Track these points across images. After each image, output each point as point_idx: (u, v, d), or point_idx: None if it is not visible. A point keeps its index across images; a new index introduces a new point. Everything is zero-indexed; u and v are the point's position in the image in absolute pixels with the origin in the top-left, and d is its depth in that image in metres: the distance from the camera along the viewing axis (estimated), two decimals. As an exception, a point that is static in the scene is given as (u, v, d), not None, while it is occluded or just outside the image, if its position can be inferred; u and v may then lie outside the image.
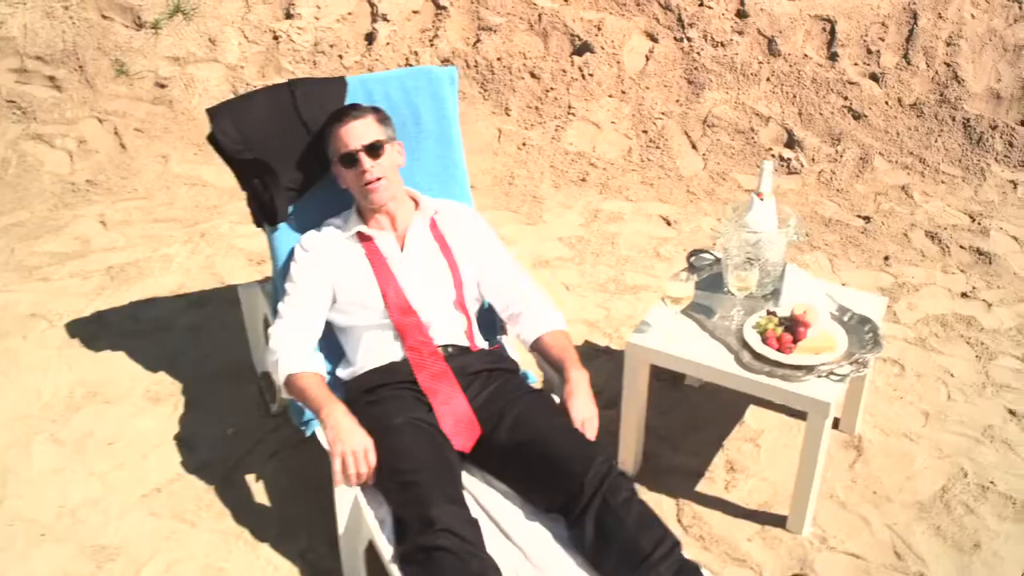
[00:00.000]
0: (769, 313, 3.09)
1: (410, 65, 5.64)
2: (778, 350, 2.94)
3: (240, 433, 3.40)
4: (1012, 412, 3.60)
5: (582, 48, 5.68)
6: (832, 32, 5.76)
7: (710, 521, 3.08)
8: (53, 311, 4.07)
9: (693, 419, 3.54)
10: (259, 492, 3.18)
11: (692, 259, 3.48)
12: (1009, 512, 3.12)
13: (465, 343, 3.01)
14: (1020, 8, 5.75)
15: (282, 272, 3.12)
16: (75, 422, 3.46)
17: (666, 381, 3.69)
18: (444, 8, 5.83)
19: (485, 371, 2.95)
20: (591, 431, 2.76)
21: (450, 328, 3.00)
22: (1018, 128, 5.33)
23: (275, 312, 3.07)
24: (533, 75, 5.57)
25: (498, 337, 3.28)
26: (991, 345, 4.00)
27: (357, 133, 2.91)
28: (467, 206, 3.31)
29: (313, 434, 2.96)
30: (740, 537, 3.02)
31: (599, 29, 5.75)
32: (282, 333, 2.90)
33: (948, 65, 5.60)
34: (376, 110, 2.99)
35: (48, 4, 5.60)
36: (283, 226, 3.15)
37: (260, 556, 2.93)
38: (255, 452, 3.33)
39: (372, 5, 5.80)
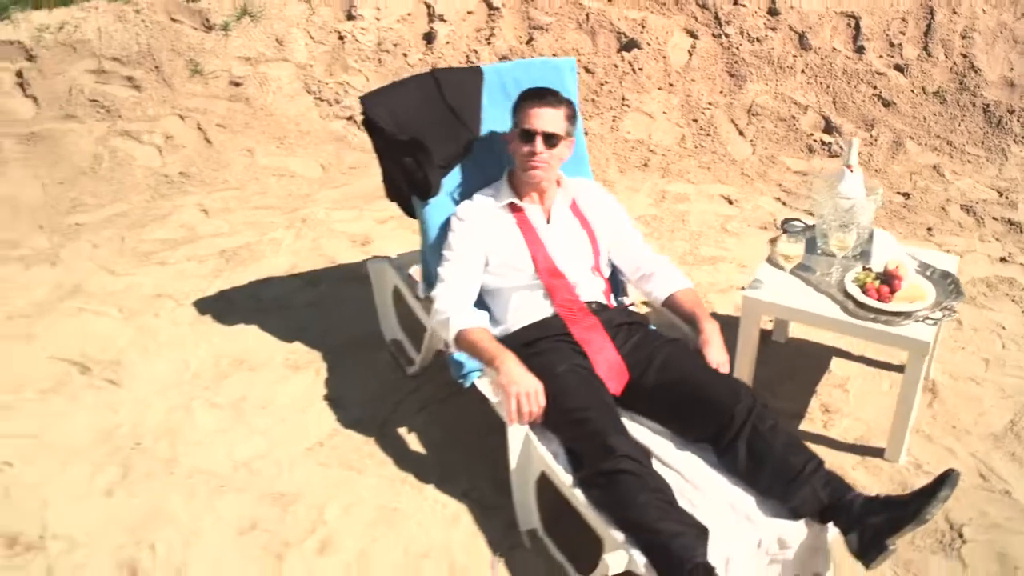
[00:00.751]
0: (865, 269, 3.53)
1: (471, 62, 6.04)
2: (878, 299, 3.39)
3: (377, 395, 3.78)
4: (1063, 360, 4.10)
5: (629, 44, 6.12)
6: (857, 27, 6.25)
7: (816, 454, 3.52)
8: (178, 291, 4.42)
9: (785, 370, 3.97)
10: (414, 443, 3.55)
11: (786, 226, 3.91)
12: (1074, 440, 3.60)
13: (604, 301, 3.42)
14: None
15: (436, 241, 3.51)
16: (226, 388, 3.82)
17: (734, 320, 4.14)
18: (497, 9, 6.24)
19: (626, 324, 3.35)
20: (721, 362, 3.19)
21: (591, 288, 3.40)
22: (1032, 113, 5.87)
23: (429, 279, 3.46)
24: (587, 70, 5.99)
25: (621, 298, 3.70)
26: (1032, 303, 4.50)
27: (546, 119, 3.25)
28: (598, 184, 3.71)
29: (472, 386, 3.35)
30: (846, 466, 3.45)
31: (643, 27, 6.19)
32: (447, 294, 3.28)
33: (964, 56, 6.11)
34: (570, 104, 3.34)
35: (119, 8, 5.93)
36: (433, 200, 3.55)
37: (427, 497, 3.30)
38: (400, 409, 3.71)
39: (429, 6, 6.20)
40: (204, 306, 4.32)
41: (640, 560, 2.66)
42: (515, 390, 3.01)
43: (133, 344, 4.04)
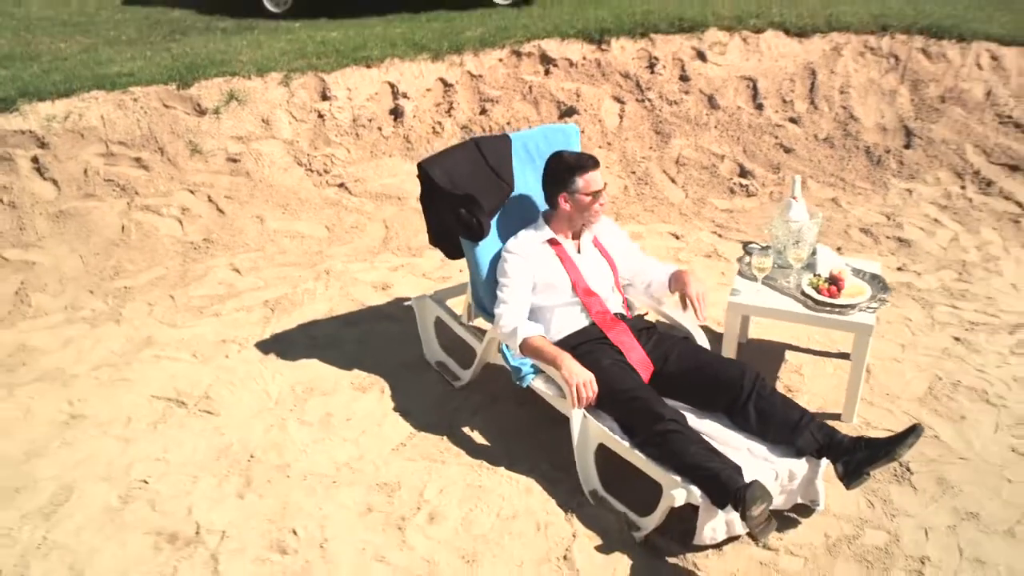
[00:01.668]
0: (815, 275, 4.58)
1: (437, 133, 6.94)
2: (830, 297, 4.44)
3: (438, 403, 4.62)
4: (956, 339, 5.21)
5: (568, 111, 7.14)
6: (755, 88, 7.45)
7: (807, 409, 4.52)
8: (238, 337, 5.14)
9: (750, 362, 4.94)
10: (478, 437, 4.39)
11: (748, 248, 4.95)
12: (975, 397, 4.70)
13: (624, 312, 4.37)
14: (888, 62, 7.61)
15: (488, 274, 4.40)
16: (310, 409, 4.58)
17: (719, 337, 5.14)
18: (452, 85, 7.18)
19: (645, 329, 4.31)
20: (705, 301, 4.19)
21: (616, 302, 4.35)
22: (904, 151, 7.12)
23: (481, 304, 4.36)
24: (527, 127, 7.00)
25: (636, 311, 4.66)
26: (928, 299, 5.63)
27: (599, 180, 4.24)
28: (610, 220, 4.68)
29: (527, 387, 4.24)
30: (815, 428, 4.47)
31: (578, 96, 7.24)
32: (510, 312, 4.17)
33: (844, 108, 7.36)
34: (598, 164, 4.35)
35: (118, 98, 6.61)
36: (482, 242, 4.43)
37: (502, 476, 4.14)
38: (459, 414, 4.54)
39: (393, 85, 7.08)
40: (265, 347, 5.06)
41: (697, 492, 3.59)
42: (575, 380, 3.92)
43: (216, 381, 4.76)
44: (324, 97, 7.03)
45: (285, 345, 5.09)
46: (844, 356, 5.02)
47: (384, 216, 6.46)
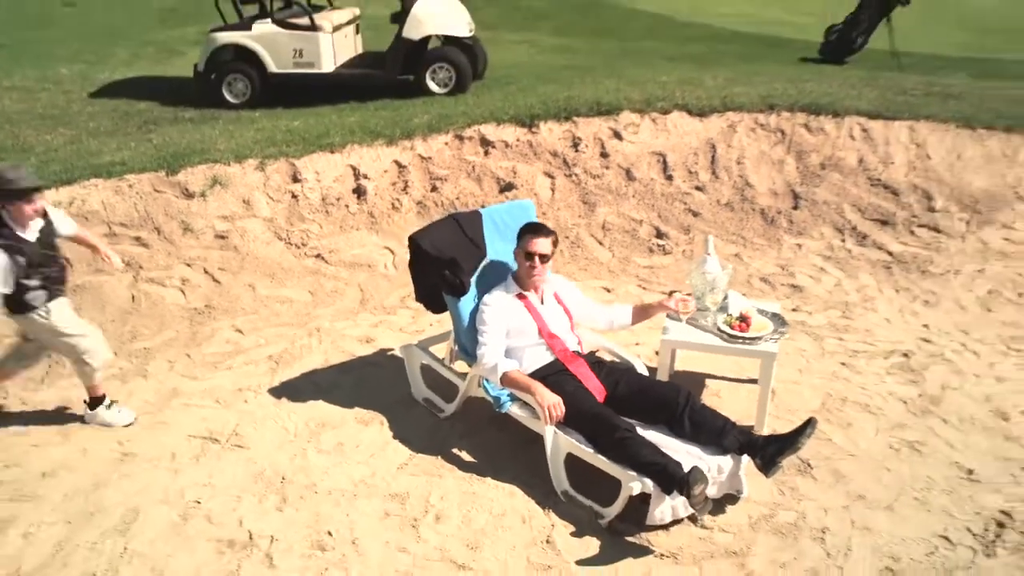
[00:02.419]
0: (728, 315, 5.71)
1: (396, 209, 7.96)
2: (741, 331, 5.57)
3: (429, 431, 5.60)
4: (842, 364, 6.38)
5: (507, 186, 8.23)
6: (665, 162, 8.65)
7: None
8: (252, 385, 6.02)
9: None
10: (467, 456, 5.35)
11: (672, 294, 6.04)
12: (859, 408, 5.86)
13: (580, 350, 5.43)
14: (776, 136, 8.92)
15: (468, 323, 5.42)
16: (324, 440, 5.50)
17: (652, 370, 6.22)
18: (405, 167, 8.22)
19: (597, 362, 5.38)
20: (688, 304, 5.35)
21: (572, 342, 5.40)
22: (792, 211, 8.37)
23: (465, 349, 5.39)
24: (482, 206, 8.04)
25: (589, 350, 5.72)
26: (818, 333, 6.80)
27: (542, 247, 5.25)
28: (564, 278, 5.75)
29: (505, 413, 5.25)
30: (734, 438, 5.57)
31: (515, 173, 8.35)
32: (490, 352, 5.18)
33: (741, 176, 8.62)
34: (554, 234, 5.34)
35: (115, 184, 7.48)
36: (463, 298, 5.47)
37: (490, 484, 5.11)
38: (449, 440, 5.51)
39: (354, 168, 8.09)
40: (277, 392, 5.97)
41: (649, 483, 4.63)
42: (547, 403, 4.96)
43: (241, 421, 5.64)
44: (295, 179, 8.01)
45: (293, 390, 6.01)
46: (753, 381, 6.13)
47: (358, 281, 7.43)
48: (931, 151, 9.21)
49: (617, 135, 8.91)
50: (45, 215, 5.41)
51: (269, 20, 10.84)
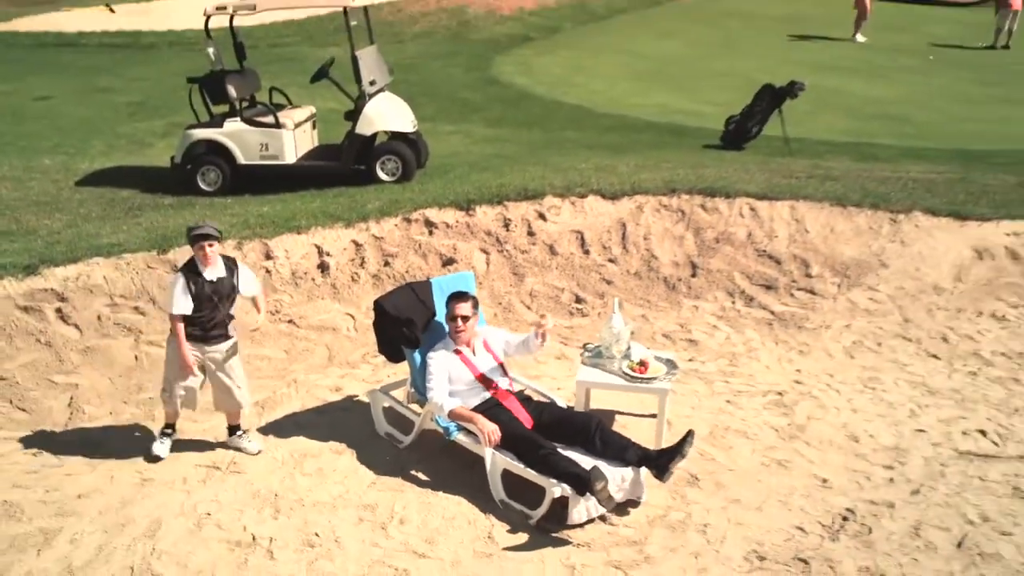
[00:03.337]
0: (630, 360, 7.05)
1: (355, 281, 9.24)
2: (641, 373, 6.92)
3: (392, 458, 6.83)
4: (728, 401, 7.73)
5: (448, 261, 9.56)
6: (583, 239, 10.06)
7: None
8: (245, 424, 7.19)
9: (595, 423, 7.39)
10: (423, 476, 6.55)
11: (587, 346, 7.40)
12: (739, 435, 7.22)
13: (510, 388, 6.73)
14: (677, 215, 10.41)
15: (421, 369, 6.69)
16: (307, 465, 6.65)
17: (570, 408, 7.52)
18: (362, 245, 9.51)
19: (526, 398, 6.68)
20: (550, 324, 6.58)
21: (504, 382, 6.69)
22: (691, 279, 9.80)
23: (420, 390, 6.67)
24: (428, 277, 9.36)
25: (519, 388, 7.01)
26: (709, 378, 8.15)
27: (463, 309, 6.57)
28: (490, 326, 7.07)
29: (452, 440, 6.52)
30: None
31: (455, 249, 9.69)
32: (438, 394, 6.42)
33: (647, 250, 10.05)
34: (475, 299, 6.66)
35: (114, 263, 8.65)
36: (418, 350, 6.75)
37: (442, 496, 6.30)
38: (407, 464, 6.72)
39: (318, 247, 9.37)
40: (264, 431, 7.11)
41: (568, 488, 5.92)
42: (487, 430, 6.22)
43: (237, 454, 6.81)
44: (268, 257, 9.25)
45: (278, 428, 7.18)
46: (653, 415, 7.47)
47: (325, 341, 8.65)
48: (809, 226, 10.69)
49: (542, 216, 10.30)
50: (233, 268, 6.69)
51: (238, 119, 12.15)
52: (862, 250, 10.48)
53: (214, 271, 6.53)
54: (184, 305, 6.46)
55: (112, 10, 26.47)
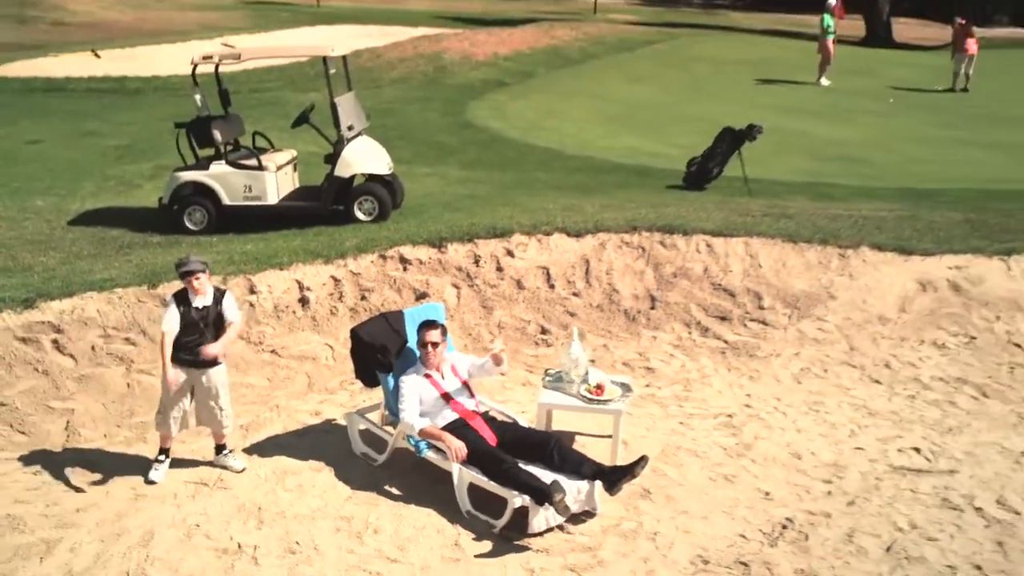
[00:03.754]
0: (588, 384, 7.62)
1: (334, 314, 9.80)
2: (598, 395, 7.49)
3: (367, 474, 7.35)
4: (681, 423, 8.31)
5: (422, 295, 10.13)
6: (548, 274, 10.66)
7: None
8: (233, 445, 7.68)
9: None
10: (396, 490, 7.07)
11: (548, 371, 7.97)
12: (689, 453, 7.79)
13: (476, 409, 7.29)
14: (638, 252, 11.05)
15: (394, 392, 7.23)
16: (288, 482, 7.19)
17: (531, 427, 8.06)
18: (340, 280, 10.07)
19: (491, 418, 7.24)
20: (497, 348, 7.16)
21: (471, 403, 7.25)
22: (650, 311, 10.39)
23: (393, 411, 7.22)
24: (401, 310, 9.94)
25: (484, 410, 7.56)
26: (664, 402, 8.70)
27: (433, 336, 7.14)
28: (457, 352, 7.64)
29: (423, 457, 7.06)
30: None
31: (428, 284, 10.27)
32: (410, 415, 6.97)
33: (610, 284, 10.64)
34: (443, 327, 7.22)
35: (107, 296, 9.17)
36: (391, 374, 7.31)
37: (413, 508, 6.82)
38: (381, 480, 7.24)
39: (299, 282, 9.95)
40: (249, 451, 7.61)
41: (528, 499, 6.45)
42: (454, 446, 6.77)
43: (223, 471, 7.33)
44: (252, 291, 9.79)
45: (261, 448, 7.68)
46: (609, 436, 8.02)
47: (305, 370, 9.17)
48: (762, 261, 11.27)
49: (510, 253, 10.90)
50: (220, 298, 7.29)
51: (223, 162, 12.72)
52: (812, 283, 11.05)
53: (203, 300, 7.09)
54: (172, 325, 7.04)
55: (98, 55, 26.99)
